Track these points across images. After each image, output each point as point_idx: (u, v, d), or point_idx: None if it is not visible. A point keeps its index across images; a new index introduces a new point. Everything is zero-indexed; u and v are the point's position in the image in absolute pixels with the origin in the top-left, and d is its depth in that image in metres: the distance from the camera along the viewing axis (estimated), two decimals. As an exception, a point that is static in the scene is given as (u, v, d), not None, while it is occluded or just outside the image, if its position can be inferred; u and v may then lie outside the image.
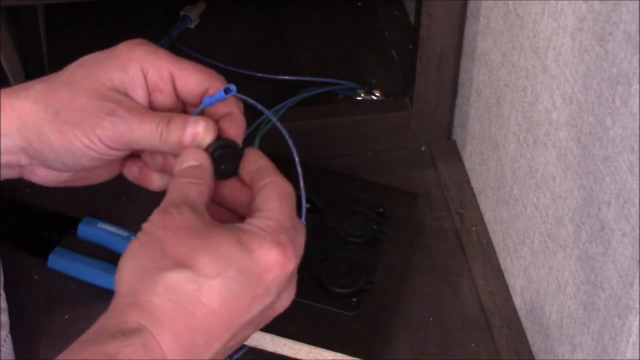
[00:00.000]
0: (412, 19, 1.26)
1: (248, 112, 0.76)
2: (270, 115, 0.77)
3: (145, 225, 0.66)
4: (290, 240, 0.67)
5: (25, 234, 1.05)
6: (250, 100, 0.76)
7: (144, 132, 0.72)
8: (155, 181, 0.78)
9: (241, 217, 0.72)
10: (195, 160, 0.71)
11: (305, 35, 1.28)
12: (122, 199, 1.08)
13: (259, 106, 0.76)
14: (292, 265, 0.67)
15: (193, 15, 1.27)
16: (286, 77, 1.20)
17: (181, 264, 0.63)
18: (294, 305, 0.95)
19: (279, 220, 0.68)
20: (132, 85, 0.73)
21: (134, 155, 0.77)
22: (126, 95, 0.73)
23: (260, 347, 0.94)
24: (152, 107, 0.74)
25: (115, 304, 0.64)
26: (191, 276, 0.63)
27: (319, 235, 1.00)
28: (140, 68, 0.73)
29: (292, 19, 1.30)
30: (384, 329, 0.97)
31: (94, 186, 1.10)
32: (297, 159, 0.76)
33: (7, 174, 0.76)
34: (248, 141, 1.10)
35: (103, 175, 0.79)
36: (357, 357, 0.92)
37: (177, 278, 0.63)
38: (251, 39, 1.27)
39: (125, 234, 1.03)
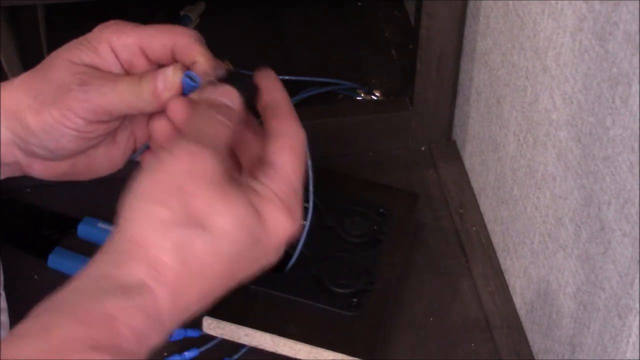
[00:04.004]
0: (412, 19, 1.26)
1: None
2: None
3: (167, 159, 0.63)
4: (299, 204, 0.66)
5: (25, 234, 1.05)
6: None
7: (118, 93, 0.71)
8: None
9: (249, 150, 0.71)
10: (230, 101, 0.68)
11: (305, 35, 1.28)
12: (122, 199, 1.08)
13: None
14: (296, 227, 0.66)
15: (193, 15, 1.27)
16: (286, 77, 1.20)
17: (197, 222, 0.62)
18: (294, 305, 0.95)
19: (290, 182, 0.66)
20: (106, 66, 0.73)
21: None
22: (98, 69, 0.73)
23: (260, 347, 0.94)
24: None
25: (119, 247, 0.62)
26: (204, 236, 0.62)
27: (319, 235, 1.00)
28: (110, 48, 0.73)
29: (292, 19, 1.30)
30: (384, 329, 0.97)
31: (94, 186, 1.10)
32: (307, 151, 0.76)
33: (7, 171, 0.76)
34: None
35: (104, 167, 0.78)
36: (357, 357, 0.92)
37: (190, 236, 0.61)
38: (251, 39, 1.27)
39: (125, 234, 1.03)
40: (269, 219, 0.64)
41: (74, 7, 1.24)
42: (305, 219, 0.94)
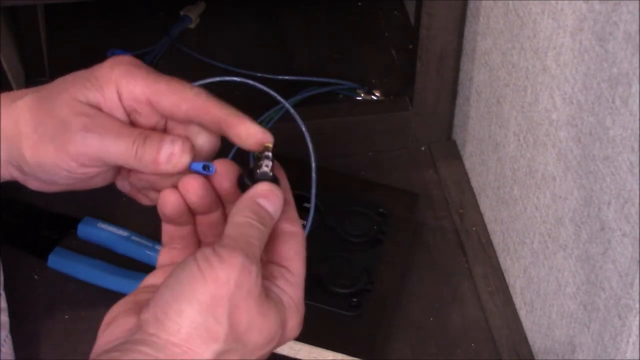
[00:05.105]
0: (412, 19, 1.26)
1: (247, 111, 0.76)
2: (288, 106, 0.77)
3: (220, 268, 0.64)
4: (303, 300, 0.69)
5: (25, 234, 1.05)
6: (270, 91, 0.74)
7: (118, 149, 0.70)
8: (144, 200, 0.77)
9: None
10: (274, 210, 0.69)
11: (305, 35, 1.28)
12: (122, 199, 1.08)
13: (277, 96, 0.75)
14: (302, 326, 0.69)
15: (193, 15, 1.27)
16: (286, 77, 1.20)
17: (238, 337, 0.64)
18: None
19: (303, 287, 0.69)
20: (109, 107, 0.72)
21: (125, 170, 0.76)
22: (102, 112, 0.72)
23: (260, 347, 0.94)
24: (133, 125, 0.73)
25: (164, 346, 0.63)
26: (239, 350, 0.64)
27: (320, 236, 1.00)
28: (116, 90, 0.72)
29: (292, 19, 1.30)
30: (384, 329, 0.97)
31: (93, 186, 1.10)
32: (312, 153, 0.76)
33: (5, 180, 0.76)
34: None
35: (98, 182, 0.77)
36: (357, 357, 0.92)
37: (229, 349, 0.64)
38: (251, 39, 1.27)
39: (125, 234, 1.03)
40: (288, 326, 0.67)
41: (74, 7, 1.24)
42: (306, 219, 0.94)
